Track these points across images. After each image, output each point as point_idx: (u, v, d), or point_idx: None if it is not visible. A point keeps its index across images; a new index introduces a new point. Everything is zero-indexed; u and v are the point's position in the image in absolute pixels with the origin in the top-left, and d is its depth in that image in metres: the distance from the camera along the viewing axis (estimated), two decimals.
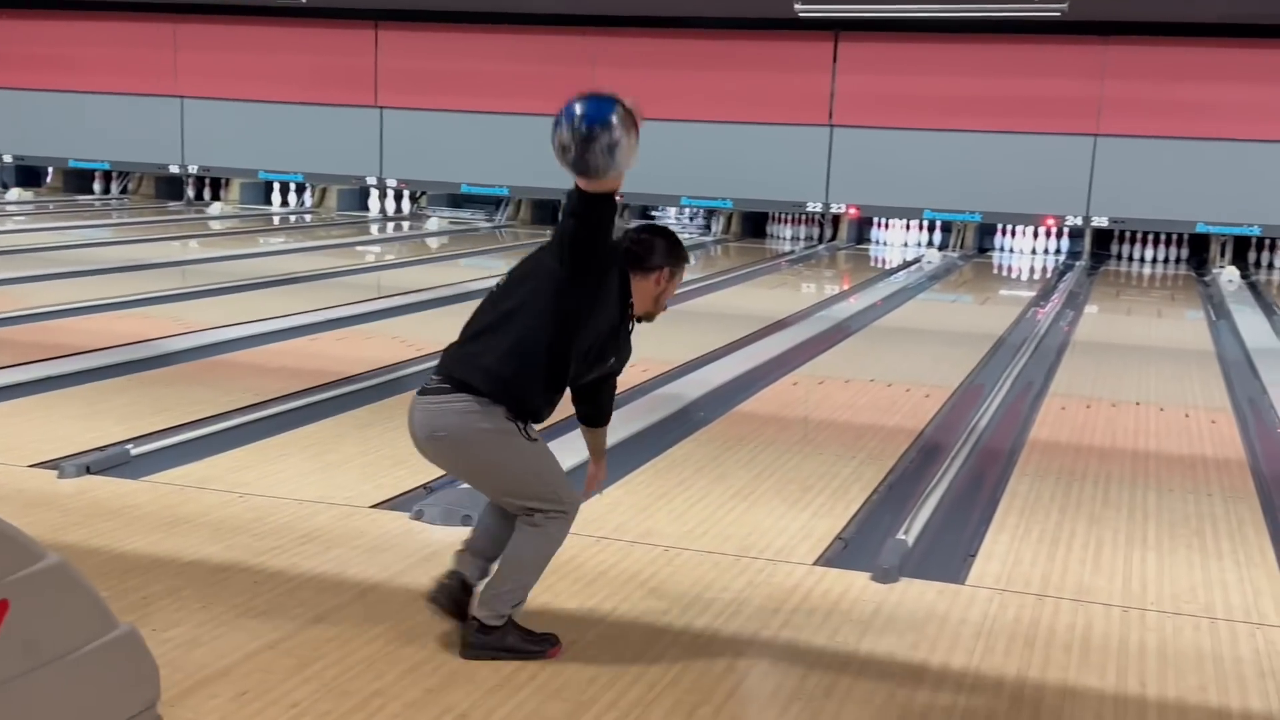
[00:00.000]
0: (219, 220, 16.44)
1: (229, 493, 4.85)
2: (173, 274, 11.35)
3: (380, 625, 3.65)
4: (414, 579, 4.01)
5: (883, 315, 10.50)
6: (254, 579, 3.98)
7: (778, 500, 5.06)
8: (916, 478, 5.48)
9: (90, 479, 4.94)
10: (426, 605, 3.53)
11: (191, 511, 4.62)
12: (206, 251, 13.59)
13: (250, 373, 7.13)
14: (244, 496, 4.82)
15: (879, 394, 7.23)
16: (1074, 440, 6.28)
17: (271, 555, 4.20)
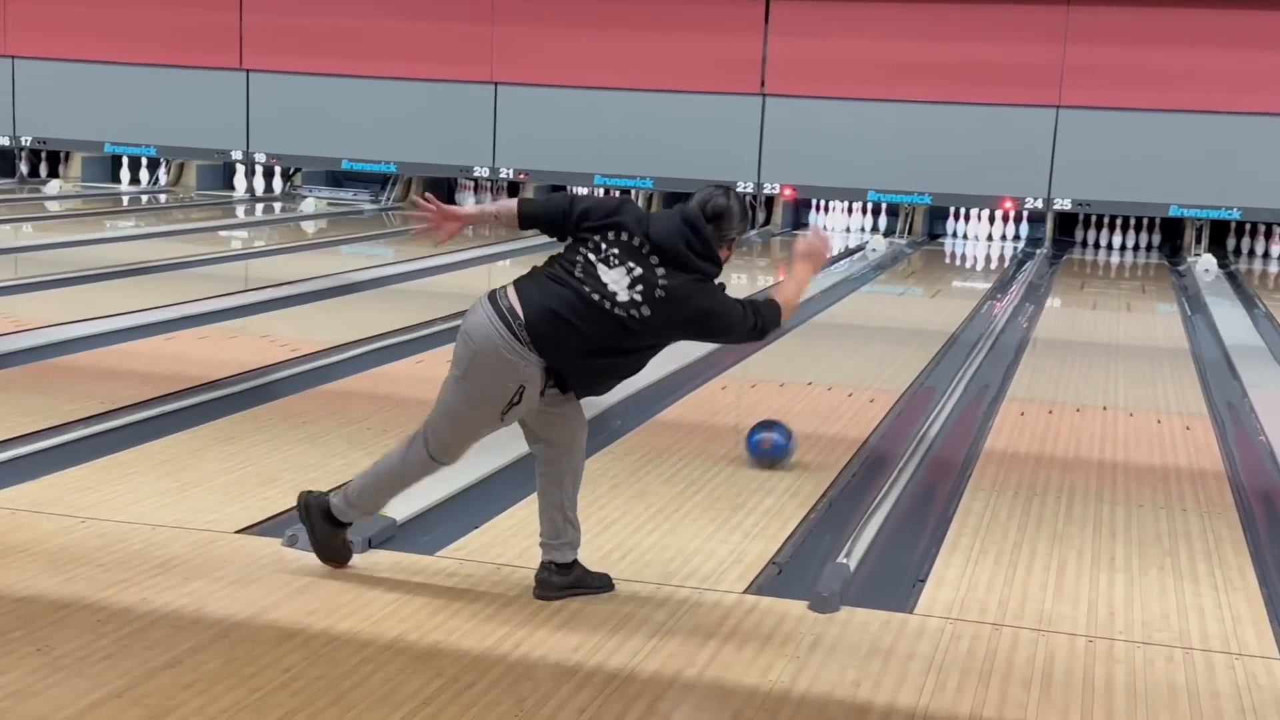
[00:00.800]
0: (57, 201, 16.14)
1: (69, 517, 4.77)
2: (3, 263, 11.13)
3: (247, 669, 3.61)
4: (286, 614, 3.97)
5: (822, 310, 10.58)
6: (98, 617, 3.91)
7: (705, 520, 5.08)
8: (859, 494, 5.54)
9: None
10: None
11: (25, 539, 4.53)
12: (42, 237, 13.34)
13: (95, 377, 7.00)
14: (87, 521, 4.74)
15: (818, 399, 7.29)
16: (1034, 450, 6.38)
17: (119, 589, 4.13)
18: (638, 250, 4.03)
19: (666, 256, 4.03)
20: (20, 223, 14.17)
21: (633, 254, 4.03)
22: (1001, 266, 14.33)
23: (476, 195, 17.45)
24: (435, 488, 5.26)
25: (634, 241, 4.04)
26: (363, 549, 4.52)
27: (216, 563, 4.40)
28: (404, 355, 7.94)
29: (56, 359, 7.40)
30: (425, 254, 12.76)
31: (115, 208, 16.36)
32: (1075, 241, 16.01)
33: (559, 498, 4.22)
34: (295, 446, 5.85)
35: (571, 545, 4.23)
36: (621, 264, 4.02)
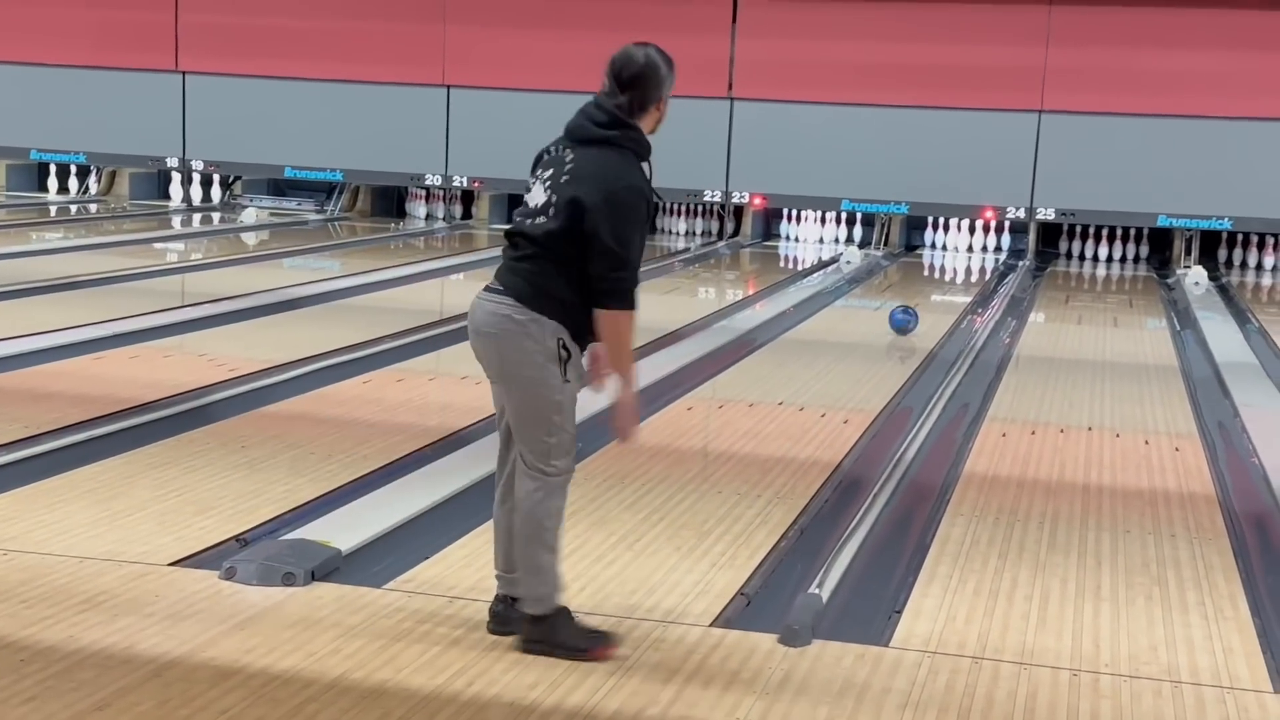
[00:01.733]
0: None
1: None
2: None
3: (181, 711, 3.59)
4: (223, 652, 3.95)
5: (794, 326, 10.63)
6: (20, 656, 3.88)
7: (669, 549, 5.09)
8: (832, 520, 5.56)
9: None
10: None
11: None
12: None
13: (18, 400, 6.96)
14: (9, 554, 4.70)
15: (789, 420, 7.31)
16: (1017, 473, 6.42)
17: (43, 626, 4.10)
18: (556, 156, 4.05)
19: (574, 138, 4.05)
20: None
21: (551, 162, 4.05)
22: (982, 279, 14.41)
23: (428, 204, 17.43)
24: (382, 516, 5.27)
25: (552, 151, 4.08)
26: (306, 581, 4.50)
27: (148, 597, 4.38)
28: (350, 375, 7.92)
29: None
30: (373, 268, 12.75)
31: (42, 218, 16.25)
32: (1059, 253, 16.12)
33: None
34: (234, 473, 5.83)
35: None
36: (540, 179, 4.04)
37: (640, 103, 4.03)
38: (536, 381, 3.95)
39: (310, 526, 5.09)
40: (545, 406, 3.96)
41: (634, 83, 4.02)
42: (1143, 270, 15.56)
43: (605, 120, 4.01)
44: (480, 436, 6.64)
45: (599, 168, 3.94)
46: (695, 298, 12.79)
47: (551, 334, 3.93)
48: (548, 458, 4.00)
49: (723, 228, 16.59)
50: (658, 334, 9.58)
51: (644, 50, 4.07)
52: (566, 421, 4.00)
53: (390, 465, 6.10)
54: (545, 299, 3.92)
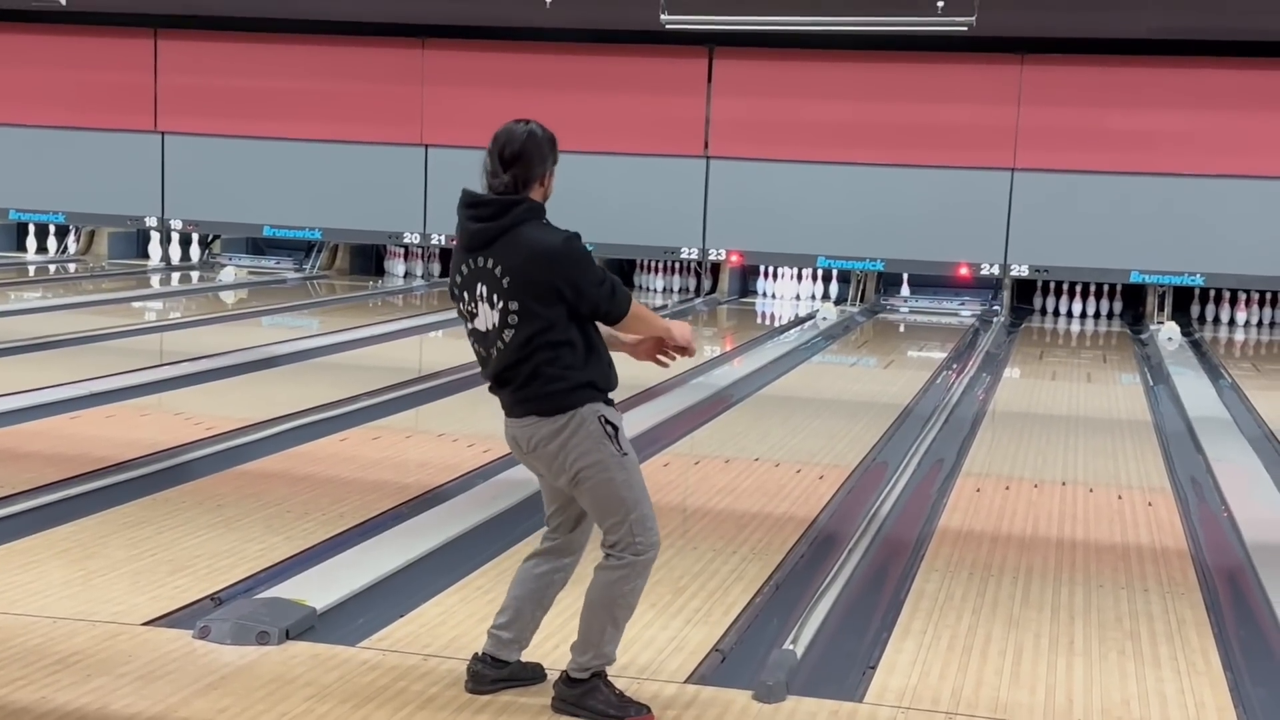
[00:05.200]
0: None
1: None
2: None
3: None
4: (196, 712, 3.93)
5: (770, 382, 10.66)
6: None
7: (644, 605, 5.03)
8: (807, 576, 5.56)
9: None
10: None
11: None
12: None
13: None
14: None
15: (765, 476, 7.32)
16: (991, 528, 6.43)
17: (14, 688, 4.07)
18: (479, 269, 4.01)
19: (480, 242, 4.00)
20: None
21: (478, 277, 4.01)
22: (957, 335, 14.48)
23: (406, 262, 17.46)
24: (357, 574, 5.25)
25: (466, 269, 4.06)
26: (279, 640, 4.49)
27: (121, 657, 4.35)
28: (327, 433, 7.91)
29: None
30: (351, 325, 12.76)
31: (20, 278, 16.23)
32: (1033, 309, 16.21)
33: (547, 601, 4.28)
34: (209, 531, 5.81)
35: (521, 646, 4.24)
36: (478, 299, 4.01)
37: (524, 180, 3.98)
38: (598, 466, 3.96)
39: (285, 585, 5.08)
40: (615, 487, 3.97)
41: (515, 160, 3.98)
42: (1116, 326, 15.65)
43: (495, 209, 3.98)
44: (457, 494, 6.65)
45: (527, 248, 3.91)
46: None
47: (591, 417, 3.95)
48: (633, 537, 3.99)
49: (700, 284, 16.67)
50: (635, 390, 9.58)
51: (526, 128, 4.03)
52: (639, 494, 4.01)
53: (366, 523, 6.09)
54: (566, 396, 3.95)
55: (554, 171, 4.06)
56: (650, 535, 4.03)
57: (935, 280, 16.31)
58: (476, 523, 6.12)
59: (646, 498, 4.04)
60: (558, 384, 3.94)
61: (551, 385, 3.95)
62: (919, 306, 16.32)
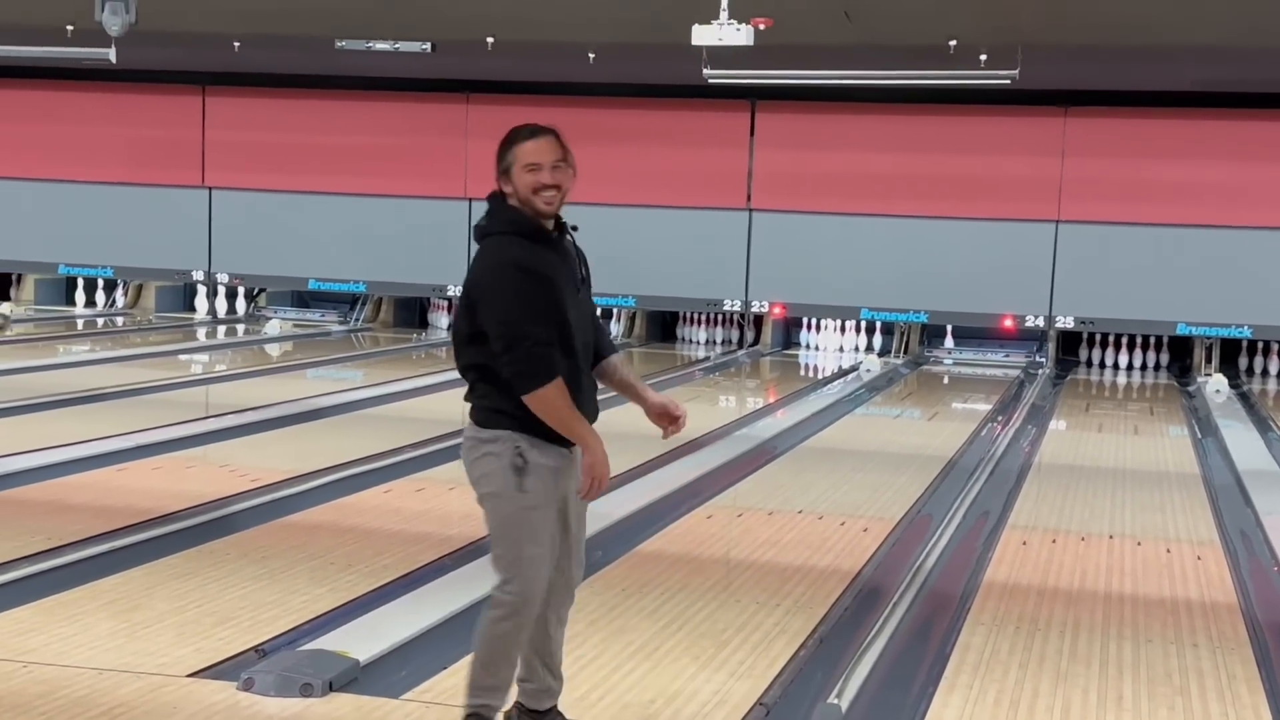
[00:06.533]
0: (7, 325, 16.17)
1: (10, 661, 4.73)
2: None
3: None
4: None
5: (814, 434, 10.63)
6: None
7: (688, 659, 5.06)
8: (852, 630, 5.53)
9: None
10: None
11: None
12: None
13: (42, 511, 6.99)
14: (29, 666, 4.70)
15: (808, 528, 7.30)
16: (1037, 582, 6.38)
17: None
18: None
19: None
20: None
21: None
22: (1002, 387, 14.40)
23: (449, 315, 17.53)
24: (401, 626, 5.26)
25: None
26: (323, 692, 4.49)
27: (165, 709, 4.37)
28: (371, 485, 7.94)
29: (2, 492, 7.39)
30: (395, 378, 12.82)
31: (69, 331, 16.41)
32: (1079, 361, 16.11)
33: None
34: (254, 583, 5.84)
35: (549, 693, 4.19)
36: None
37: (499, 175, 4.02)
38: (494, 498, 3.91)
39: (329, 637, 5.09)
40: (504, 523, 3.90)
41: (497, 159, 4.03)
42: (1163, 378, 15.53)
43: (482, 221, 4.06)
44: None
45: (476, 265, 3.96)
46: (715, 406, 12.79)
47: (510, 447, 3.88)
48: (507, 578, 3.90)
49: (743, 336, 16.66)
50: (677, 442, 9.57)
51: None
52: (526, 538, 3.87)
53: (410, 575, 6.10)
54: (498, 415, 3.89)
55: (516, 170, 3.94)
56: (521, 584, 3.88)
57: (979, 332, 16.26)
58: None
59: (536, 544, 3.88)
60: (484, 400, 3.93)
61: (480, 400, 3.95)
62: (963, 358, 16.26)
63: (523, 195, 3.93)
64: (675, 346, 16.61)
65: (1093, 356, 16.14)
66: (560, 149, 3.98)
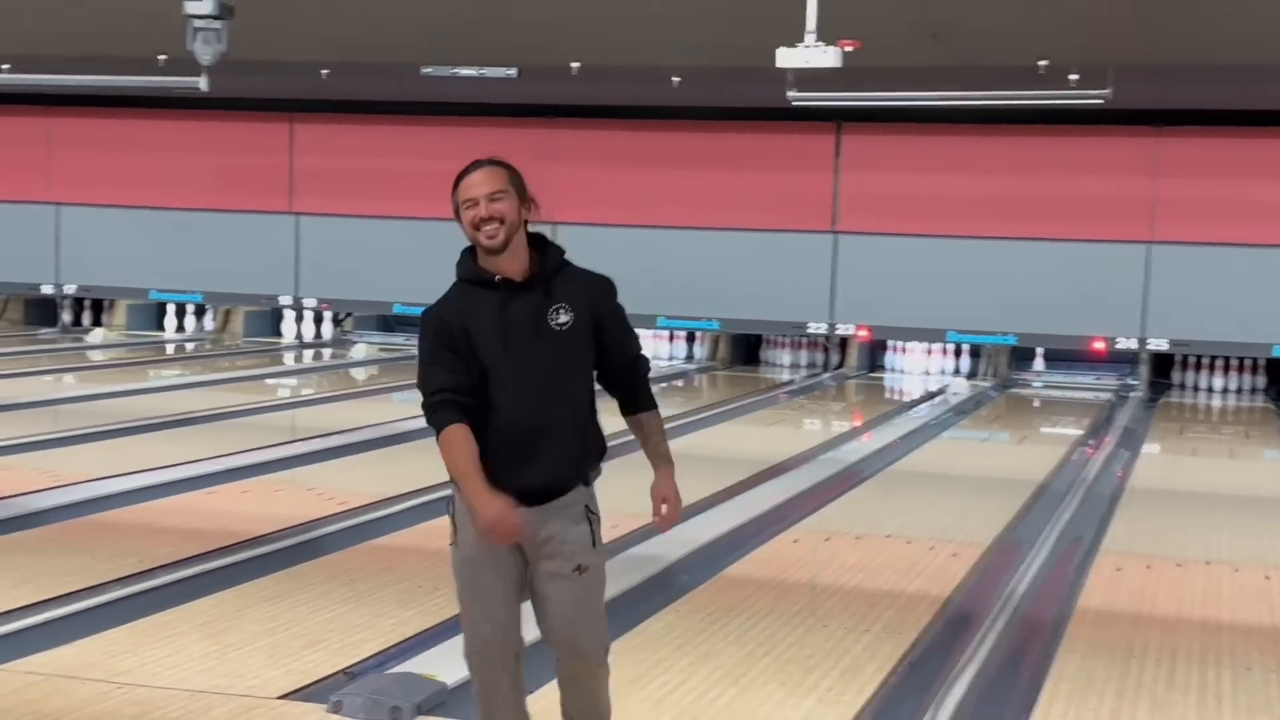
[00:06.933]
0: (100, 350, 16.46)
1: (105, 682, 4.80)
2: (42, 415, 11.34)
3: None
4: None
5: (901, 457, 10.56)
6: None
7: (775, 684, 5.04)
8: (943, 655, 5.48)
9: None
10: None
11: (58, 707, 4.57)
12: (84, 388, 13.59)
13: (134, 534, 7.09)
14: (123, 687, 4.77)
15: (897, 553, 7.25)
16: (1132, 608, 6.30)
17: None
18: None
19: None
20: (61, 373, 14.46)
21: None
22: (1094, 410, 14.24)
23: None
24: None
25: None
26: (411, 715, 4.52)
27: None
28: None
29: (95, 515, 7.51)
30: None
31: (159, 356, 16.67)
32: (1173, 384, 15.88)
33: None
34: (342, 606, 5.89)
35: None
36: None
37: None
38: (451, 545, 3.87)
39: (417, 660, 5.12)
40: (452, 570, 3.88)
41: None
42: (1260, 401, 15.27)
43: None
44: None
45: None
46: (800, 429, 12.76)
47: (452, 497, 3.86)
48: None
49: (827, 360, 16.59)
50: (762, 466, 9.57)
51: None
52: (462, 590, 3.82)
53: None
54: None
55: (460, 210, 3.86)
56: (466, 635, 3.84)
57: (1070, 355, 16.08)
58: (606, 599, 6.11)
59: (472, 596, 3.79)
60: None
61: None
62: (1053, 381, 16.08)
63: (468, 234, 3.83)
64: (759, 370, 16.56)
65: (1186, 379, 15.88)
66: (499, 179, 3.82)
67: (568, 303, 3.77)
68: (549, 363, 3.72)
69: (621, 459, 4.19)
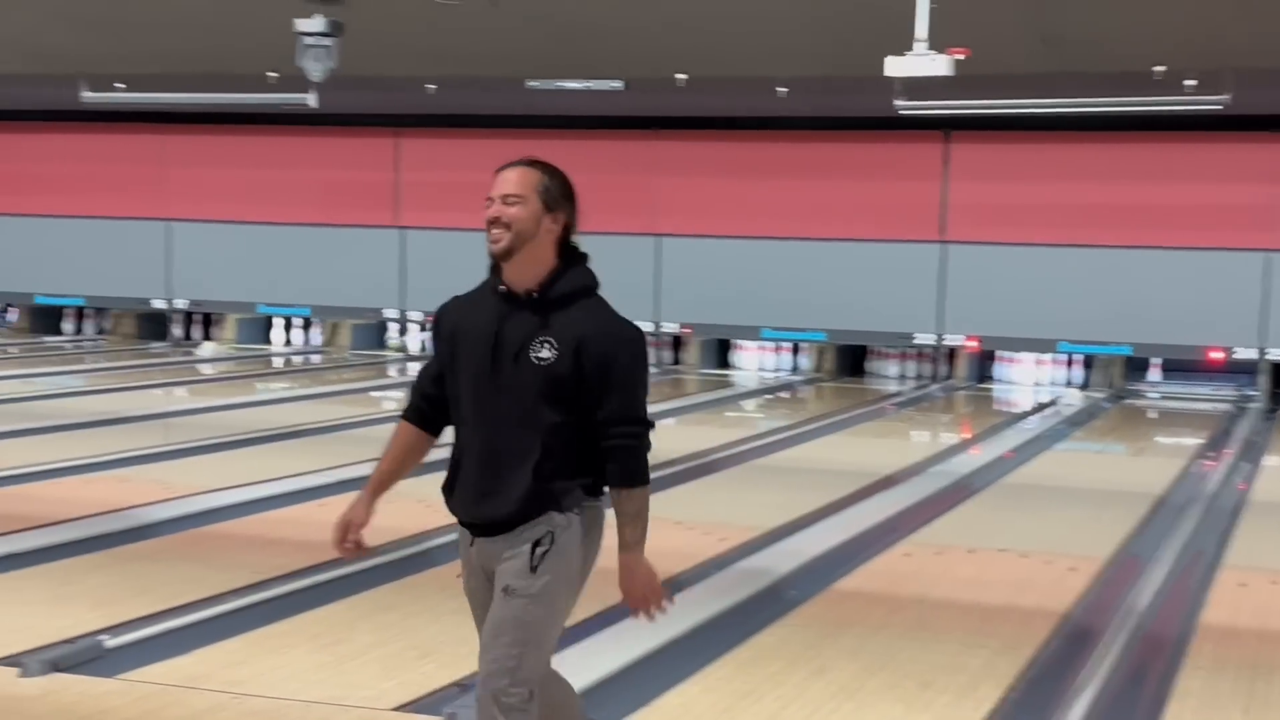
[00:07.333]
0: (211, 363, 16.74)
1: (222, 693, 4.87)
2: (155, 429, 11.54)
3: None
4: None
5: (1013, 470, 10.44)
6: None
7: (891, 699, 4.99)
8: (1062, 671, 5.40)
9: (58, 677, 4.97)
10: None
11: (177, 717, 4.64)
12: (196, 401, 13.81)
13: (248, 546, 7.19)
14: (239, 698, 4.83)
15: (1011, 567, 7.15)
16: (1258, 625, 6.17)
17: None
18: None
19: None
20: (172, 386, 14.71)
21: None
22: (1213, 421, 13.97)
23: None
24: (598, 663, 5.28)
25: None
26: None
27: None
28: None
29: (209, 527, 7.62)
30: None
31: (268, 369, 16.91)
32: None
33: None
34: (453, 617, 5.89)
35: None
36: None
37: None
38: None
39: None
40: None
41: None
42: None
43: None
44: (695, 582, 6.64)
45: None
46: (909, 442, 12.65)
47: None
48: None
49: (935, 371, 16.43)
50: (871, 479, 9.49)
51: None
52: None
53: (606, 612, 6.07)
54: None
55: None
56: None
57: (1186, 365, 15.79)
58: (715, 612, 6.11)
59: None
60: None
61: None
62: (1170, 392, 15.80)
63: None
64: (865, 381, 16.45)
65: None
66: (524, 182, 3.61)
67: (556, 339, 3.47)
68: (516, 394, 3.46)
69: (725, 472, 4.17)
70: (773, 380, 16.25)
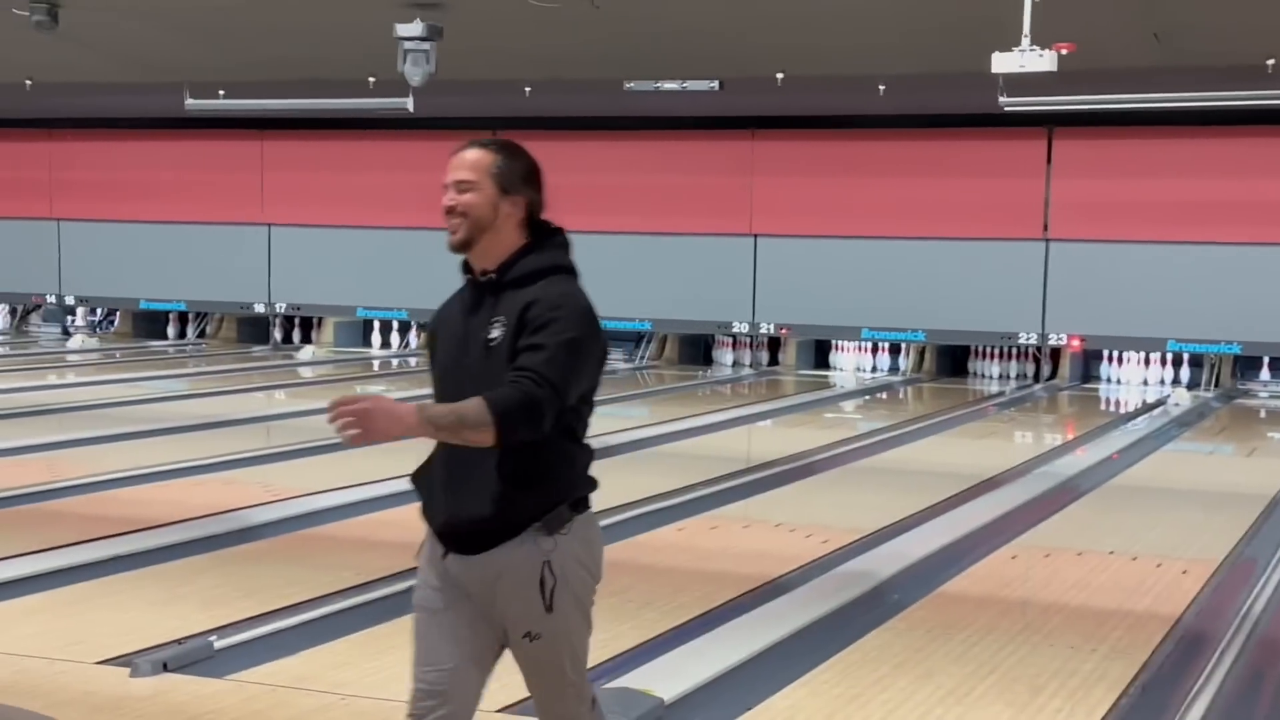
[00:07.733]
0: (311, 367, 16.93)
1: (329, 694, 4.90)
2: (258, 431, 11.69)
3: None
4: None
5: (1120, 471, 10.29)
6: None
7: (1001, 704, 4.93)
8: (1177, 676, 5.30)
9: (168, 678, 5.04)
10: None
11: (285, 718, 4.68)
12: (297, 404, 13.97)
13: (353, 547, 7.26)
14: (346, 699, 4.87)
15: (1121, 570, 7.05)
16: None
17: None
18: None
19: None
20: (274, 389, 14.91)
21: None
22: None
23: (734, 351, 17.57)
24: (702, 665, 5.27)
25: None
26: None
27: None
28: (663, 523, 7.99)
29: (314, 529, 7.71)
30: (681, 415, 12.91)
31: (367, 372, 17.08)
32: None
33: None
34: None
35: None
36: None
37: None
38: None
39: (632, 675, 5.13)
40: None
41: None
42: None
43: None
44: (798, 585, 6.61)
45: None
46: (1012, 443, 12.50)
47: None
48: None
49: (1039, 371, 16.25)
50: (974, 480, 9.39)
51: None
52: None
53: (708, 614, 6.11)
54: None
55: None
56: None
57: None
58: (819, 615, 6.07)
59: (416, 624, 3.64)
60: None
61: None
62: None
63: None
64: (967, 382, 16.30)
65: None
66: (475, 166, 3.45)
67: (505, 315, 3.29)
68: (482, 384, 3.19)
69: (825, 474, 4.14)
70: (871, 381, 16.15)
